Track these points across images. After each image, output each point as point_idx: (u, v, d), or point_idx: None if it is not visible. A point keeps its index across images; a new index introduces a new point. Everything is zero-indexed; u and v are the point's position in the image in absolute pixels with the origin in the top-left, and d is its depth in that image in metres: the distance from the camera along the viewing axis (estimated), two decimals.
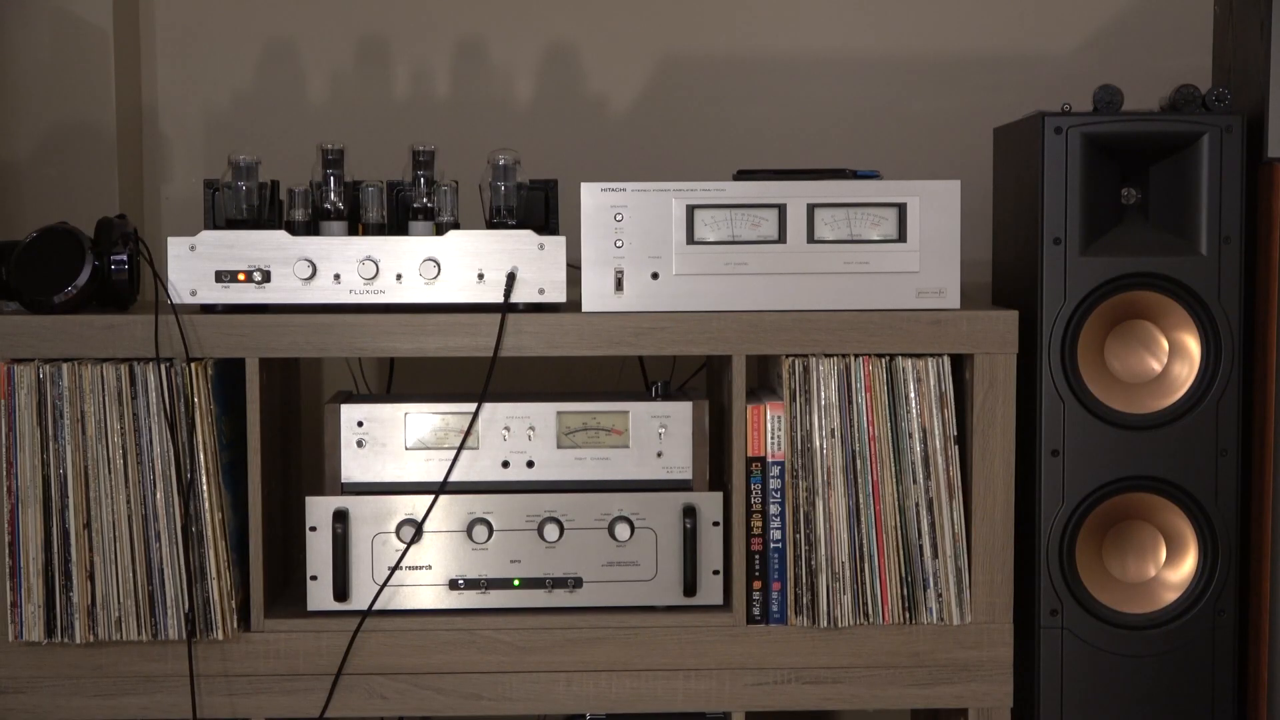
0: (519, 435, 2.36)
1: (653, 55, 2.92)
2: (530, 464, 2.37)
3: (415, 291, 2.32)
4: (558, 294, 2.33)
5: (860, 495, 2.34)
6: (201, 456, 2.28)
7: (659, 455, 2.38)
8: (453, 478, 2.35)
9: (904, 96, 2.93)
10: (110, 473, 2.28)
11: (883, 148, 2.90)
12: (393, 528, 2.34)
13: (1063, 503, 2.36)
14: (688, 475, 2.38)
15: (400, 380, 2.74)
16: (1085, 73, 2.86)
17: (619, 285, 2.33)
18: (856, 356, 2.32)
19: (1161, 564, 2.41)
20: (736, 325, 2.32)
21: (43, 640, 2.29)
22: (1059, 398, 2.35)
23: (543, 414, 2.37)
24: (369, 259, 2.31)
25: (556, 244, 2.33)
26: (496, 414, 2.36)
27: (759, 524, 2.35)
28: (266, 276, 2.31)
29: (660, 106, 2.92)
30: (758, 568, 2.36)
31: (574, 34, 2.91)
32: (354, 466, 2.36)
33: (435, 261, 2.32)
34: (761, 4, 2.93)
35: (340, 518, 2.33)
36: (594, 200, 2.32)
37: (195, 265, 2.31)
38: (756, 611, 2.36)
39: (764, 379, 2.52)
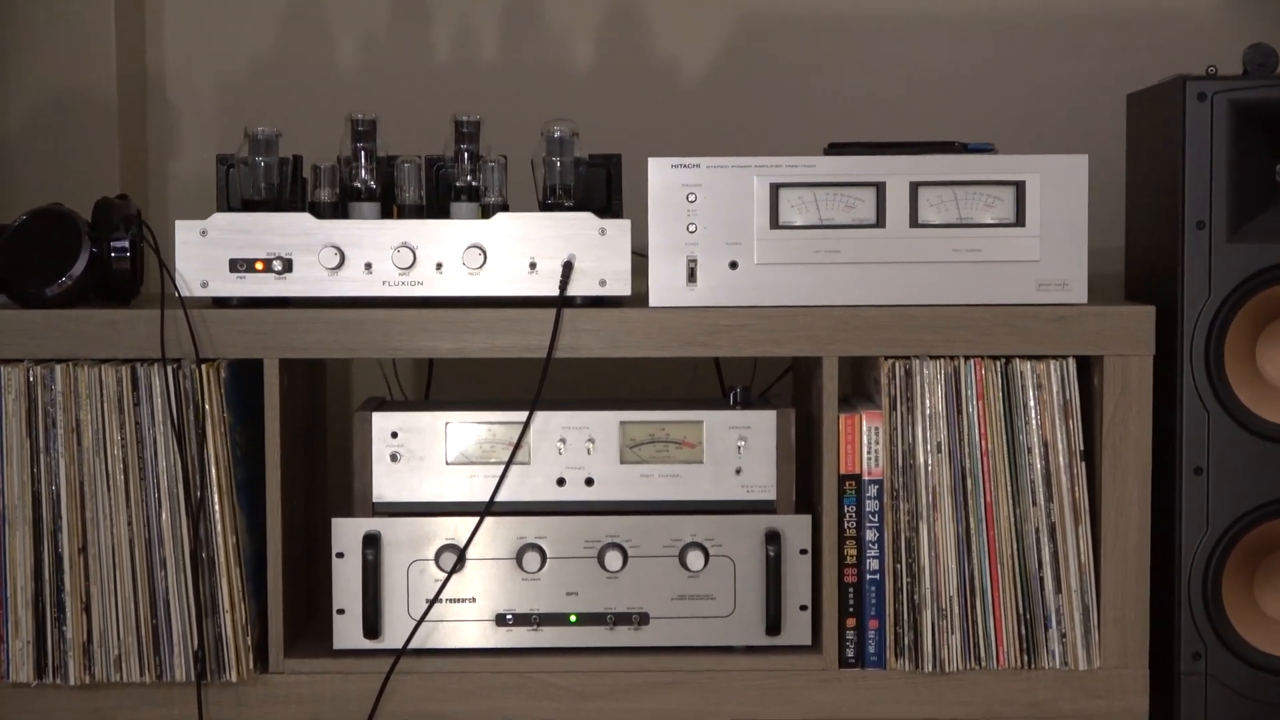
0: (576, 449, 2.31)
1: (730, 12, 2.86)
2: (589, 482, 2.31)
3: (457, 283, 2.28)
4: (621, 286, 2.28)
5: (971, 519, 2.27)
6: (213, 472, 2.24)
7: (737, 472, 2.31)
8: (500, 497, 2.30)
9: (1020, 59, 2.87)
10: (109, 490, 2.23)
11: (997, 117, 2.84)
12: (431, 554, 2.29)
13: (1207, 529, 2.29)
14: (771, 495, 2.32)
15: (440, 385, 2.69)
16: (1231, 31, 2.79)
17: (691, 276, 2.28)
18: (967, 359, 2.26)
19: None
20: (827, 322, 2.26)
21: (32, 681, 2.25)
22: (1203, 407, 2.28)
23: (604, 424, 2.31)
24: (405, 246, 2.26)
25: (620, 228, 2.27)
26: (550, 424, 2.31)
27: (853, 552, 2.29)
28: (288, 266, 2.27)
29: (739, 71, 2.86)
30: (852, 603, 2.30)
31: None
32: (387, 484, 2.30)
33: (480, 248, 2.26)
34: None
35: (371, 543, 2.27)
36: (663, 178, 2.27)
37: (206, 253, 2.27)
38: (850, 653, 2.30)
39: (859, 384, 2.47)
